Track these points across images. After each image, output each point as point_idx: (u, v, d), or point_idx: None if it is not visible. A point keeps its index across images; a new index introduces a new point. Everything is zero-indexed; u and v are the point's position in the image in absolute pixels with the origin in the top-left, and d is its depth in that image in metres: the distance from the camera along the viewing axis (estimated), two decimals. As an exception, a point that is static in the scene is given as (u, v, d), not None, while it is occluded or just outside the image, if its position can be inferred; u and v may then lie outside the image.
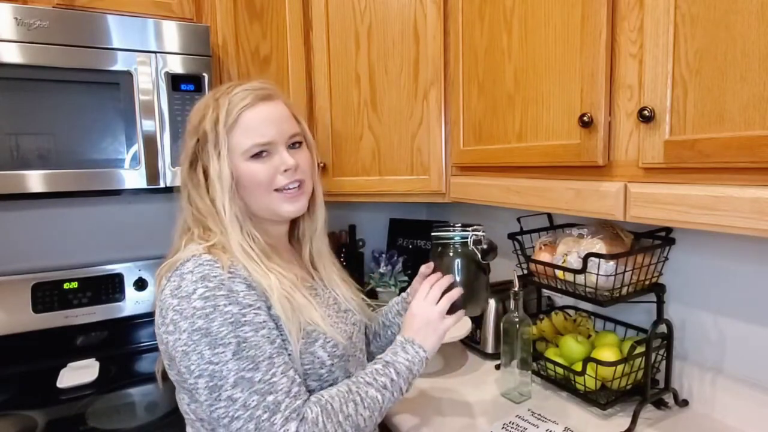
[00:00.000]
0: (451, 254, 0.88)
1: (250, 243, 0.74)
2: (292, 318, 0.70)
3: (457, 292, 0.84)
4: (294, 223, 0.91)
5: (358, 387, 0.71)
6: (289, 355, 0.69)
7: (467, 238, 0.88)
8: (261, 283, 0.70)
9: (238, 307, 0.66)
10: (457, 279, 0.86)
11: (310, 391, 0.72)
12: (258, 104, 0.77)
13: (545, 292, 1.35)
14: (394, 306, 0.99)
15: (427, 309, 0.80)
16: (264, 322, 0.67)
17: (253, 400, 0.62)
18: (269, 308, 0.70)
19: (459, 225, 0.90)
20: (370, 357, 0.84)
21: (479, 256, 0.87)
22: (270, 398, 0.63)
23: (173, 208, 1.77)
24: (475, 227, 0.89)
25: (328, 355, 0.74)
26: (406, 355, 0.75)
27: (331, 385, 0.74)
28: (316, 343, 0.73)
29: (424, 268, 0.91)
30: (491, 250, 0.89)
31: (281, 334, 0.70)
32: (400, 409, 1.06)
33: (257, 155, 0.76)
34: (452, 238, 0.88)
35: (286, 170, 0.78)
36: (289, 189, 0.79)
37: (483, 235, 0.89)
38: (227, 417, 0.62)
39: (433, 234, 0.91)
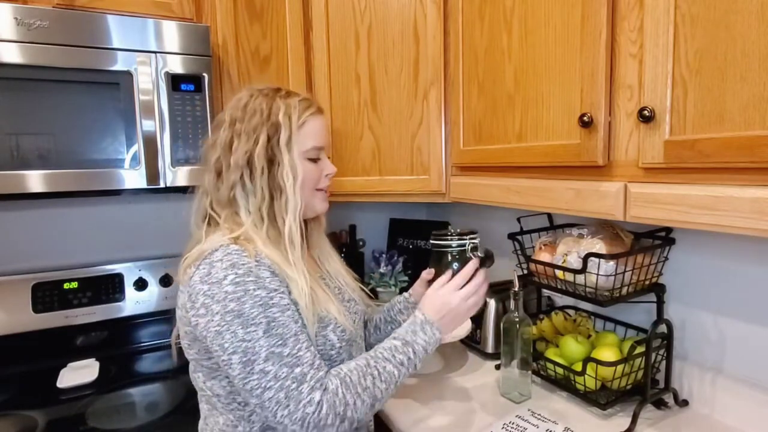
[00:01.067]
0: (450, 260, 0.94)
1: (297, 233, 0.81)
2: (312, 308, 0.77)
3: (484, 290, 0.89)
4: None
5: (376, 362, 0.76)
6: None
7: (465, 246, 0.94)
8: (286, 272, 0.76)
9: (266, 291, 0.72)
10: None
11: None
12: (318, 114, 0.88)
13: (545, 292, 1.35)
14: (396, 304, 1.06)
15: (460, 303, 0.86)
16: (288, 304, 0.74)
17: (283, 372, 0.69)
18: (289, 293, 0.76)
19: (456, 231, 0.96)
20: (368, 347, 0.88)
21: (478, 263, 0.92)
22: (297, 370, 0.69)
23: (173, 208, 1.77)
24: (471, 235, 0.95)
25: (338, 339, 0.81)
26: (424, 336, 0.81)
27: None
28: (327, 328, 0.80)
29: (426, 275, 0.99)
30: (488, 258, 0.95)
31: (300, 316, 0.76)
32: (400, 408, 1.06)
33: (313, 157, 0.87)
34: (451, 246, 0.94)
35: (327, 174, 0.91)
36: (324, 190, 0.92)
37: (478, 243, 0.96)
38: (260, 388, 0.69)
39: (432, 242, 0.97)
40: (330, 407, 0.69)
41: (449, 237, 0.94)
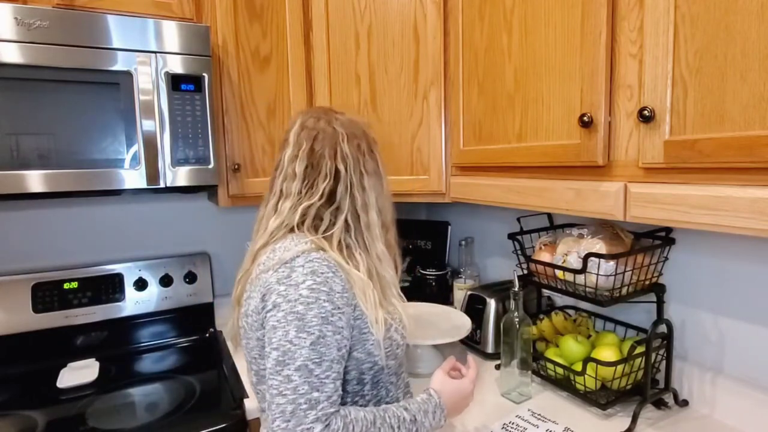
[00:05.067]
0: None
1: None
2: (376, 312, 0.79)
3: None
4: None
5: (382, 423, 0.75)
6: (372, 343, 0.79)
7: None
8: (355, 283, 0.78)
9: (332, 305, 0.74)
10: None
11: (388, 372, 0.83)
12: None
13: (545, 292, 1.35)
14: None
15: (469, 396, 0.89)
16: (342, 328, 0.74)
17: (303, 389, 0.69)
18: (354, 307, 0.78)
19: None
20: None
21: None
22: (315, 394, 0.70)
23: (173, 208, 1.76)
24: None
25: (400, 336, 0.85)
26: (433, 420, 0.81)
27: (400, 364, 0.87)
28: (391, 329, 0.82)
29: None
30: None
31: (363, 329, 0.78)
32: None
33: None
34: None
35: None
36: None
37: None
38: (276, 390, 0.70)
39: None
40: None
41: None
